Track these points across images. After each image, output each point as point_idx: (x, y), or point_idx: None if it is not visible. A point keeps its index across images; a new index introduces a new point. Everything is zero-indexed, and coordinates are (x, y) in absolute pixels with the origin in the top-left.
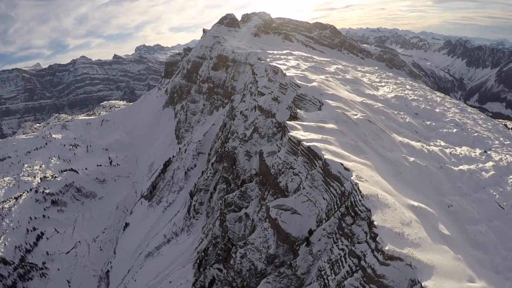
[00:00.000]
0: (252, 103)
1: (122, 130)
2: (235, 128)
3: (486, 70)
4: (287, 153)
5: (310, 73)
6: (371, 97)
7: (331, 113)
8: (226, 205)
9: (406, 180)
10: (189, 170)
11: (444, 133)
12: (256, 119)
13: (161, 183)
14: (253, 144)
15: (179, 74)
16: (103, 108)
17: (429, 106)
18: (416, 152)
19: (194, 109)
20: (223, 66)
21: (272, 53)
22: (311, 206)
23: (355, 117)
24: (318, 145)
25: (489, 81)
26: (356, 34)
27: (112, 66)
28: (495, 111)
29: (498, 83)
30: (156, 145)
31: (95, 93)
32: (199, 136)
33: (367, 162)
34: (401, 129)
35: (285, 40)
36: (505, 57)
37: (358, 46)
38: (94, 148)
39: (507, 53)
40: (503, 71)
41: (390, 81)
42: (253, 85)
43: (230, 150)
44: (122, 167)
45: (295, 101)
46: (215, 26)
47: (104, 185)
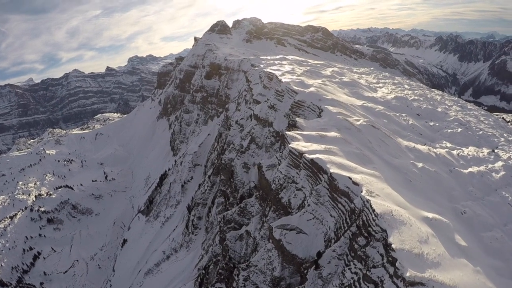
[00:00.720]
0: (247, 111)
1: (116, 143)
2: (231, 138)
3: (478, 64)
4: (288, 166)
5: (306, 78)
6: (371, 99)
7: (332, 120)
8: (226, 222)
9: (417, 189)
10: (185, 183)
11: (449, 134)
12: (253, 128)
13: (157, 197)
14: (250, 155)
15: (172, 84)
16: (97, 121)
17: (431, 106)
18: (424, 156)
19: (189, 120)
20: (216, 74)
21: (266, 59)
22: (317, 224)
23: (357, 123)
24: (322, 157)
25: (482, 74)
26: (347, 35)
27: (105, 78)
28: (490, 104)
29: (491, 76)
30: (151, 158)
31: (89, 106)
32: (195, 148)
33: (375, 173)
34: (405, 132)
35: (278, 44)
36: (496, 50)
37: (351, 47)
38: (89, 163)
39: (498, 46)
40: (496, 64)
41: (388, 81)
42: (248, 93)
43: (226, 162)
44: (118, 182)
45: (292, 109)
46: (206, 34)
47: (100, 201)
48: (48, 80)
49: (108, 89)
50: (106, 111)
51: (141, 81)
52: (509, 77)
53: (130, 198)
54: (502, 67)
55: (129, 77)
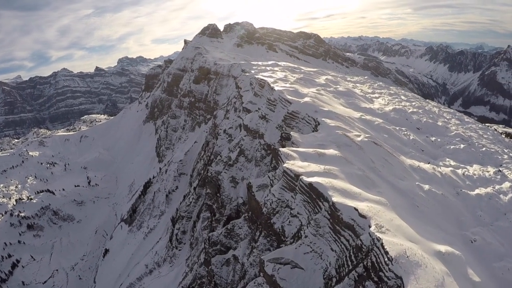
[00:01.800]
0: (236, 120)
1: (101, 146)
2: (218, 149)
3: (468, 74)
4: (282, 189)
5: (300, 86)
6: (369, 111)
7: (330, 135)
8: (211, 244)
9: (425, 215)
10: (170, 193)
11: (451, 150)
12: (242, 140)
13: (141, 206)
14: (239, 169)
15: (160, 88)
16: (84, 123)
17: (431, 119)
18: (429, 177)
19: (175, 125)
20: (205, 79)
21: (257, 64)
22: (316, 258)
23: (358, 139)
24: (322, 181)
25: (472, 85)
26: (338, 43)
27: (94, 78)
28: (480, 114)
29: (481, 87)
30: (136, 163)
31: (76, 107)
32: (180, 155)
33: (381, 199)
34: (407, 148)
35: (269, 50)
36: (486, 61)
37: (343, 55)
38: (72, 166)
39: (488, 57)
40: (485, 75)
41: (383, 91)
42: (237, 100)
43: (213, 175)
44: (101, 187)
45: (286, 120)
46: (196, 37)
47: (83, 207)
48: (36, 78)
49: (96, 90)
50: (94, 112)
51: (130, 83)
52: (498, 88)
53: (113, 205)
54: (492, 78)
55: (118, 78)
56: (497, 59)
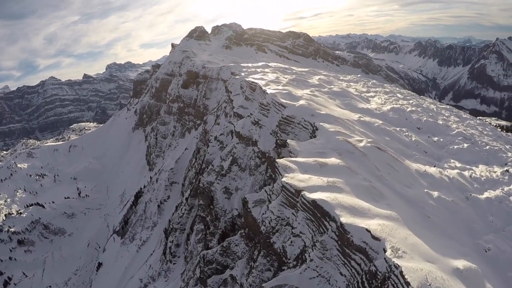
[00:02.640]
0: (227, 126)
1: (91, 156)
2: (209, 157)
3: (458, 68)
4: (282, 205)
5: (293, 88)
6: (366, 112)
7: (330, 141)
8: (206, 263)
9: (437, 226)
10: (162, 203)
11: (455, 151)
12: (234, 147)
13: (133, 218)
14: (232, 178)
15: (148, 94)
16: (73, 131)
17: (431, 118)
18: (437, 182)
19: (165, 132)
20: (194, 83)
21: (247, 66)
22: (323, 283)
23: (360, 145)
24: (326, 197)
25: (462, 78)
26: (326, 41)
27: (82, 86)
28: (471, 108)
29: (471, 80)
30: (127, 172)
31: (65, 115)
32: (171, 163)
33: (392, 214)
34: (409, 150)
35: (258, 51)
36: (475, 54)
37: (333, 53)
38: (62, 178)
39: (477, 50)
40: (475, 68)
41: (378, 89)
42: (228, 105)
43: (205, 186)
44: (92, 198)
45: (280, 125)
46: (184, 40)
47: (73, 220)
48: (24, 87)
49: (85, 97)
50: (83, 120)
51: (119, 89)
52: (488, 80)
53: (105, 216)
54: (482, 71)
55: (107, 85)
56: (486, 52)
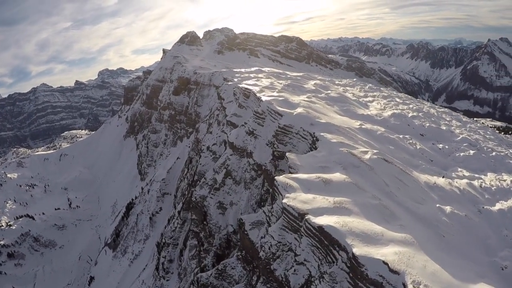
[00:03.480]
0: (220, 135)
1: (82, 165)
2: (202, 168)
3: (450, 70)
4: (283, 229)
5: (289, 94)
6: (367, 118)
7: (333, 153)
8: (200, 286)
9: (452, 246)
10: (154, 215)
11: (462, 158)
12: (228, 159)
13: (124, 230)
14: (226, 192)
15: (139, 100)
16: (64, 139)
17: (434, 124)
18: (448, 195)
19: (156, 141)
20: (185, 90)
21: (240, 72)
22: None
23: (366, 157)
24: (335, 223)
25: (455, 80)
26: (318, 45)
27: (74, 92)
28: (464, 109)
29: (463, 82)
30: (118, 181)
31: (57, 122)
32: (163, 173)
33: (407, 237)
34: (415, 160)
35: (251, 56)
36: (467, 56)
37: (326, 57)
38: (52, 188)
39: (469, 52)
40: (467, 69)
41: (376, 94)
42: (220, 113)
43: (198, 200)
44: (83, 209)
45: (277, 136)
46: (175, 46)
47: (64, 232)
48: (15, 95)
49: (77, 104)
50: (76, 127)
51: (111, 95)
52: (481, 81)
53: (96, 228)
54: (474, 72)
55: (99, 91)
56: (478, 53)
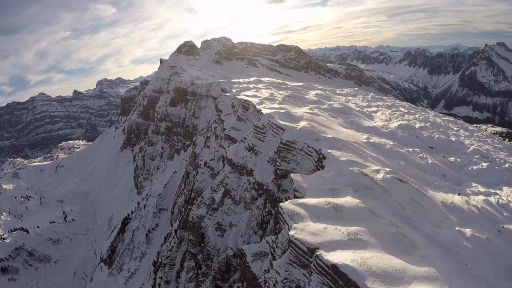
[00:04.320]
0: (218, 150)
1: (78, 176)
2: (199, 185)
3: (448, 76)
4: (290, 264)
5: (290, 106)
6: (373, 131)
7: (342, 173)
8: None
9: (476, 275)
10: (150, 232)
11: (475, 172)
12: (227, 177)
13: (120, 246)
14: (225, 212)
15: (136, 111)
16: (62, 150)
17: (443, 135)
18: (466, 216)
19: (152, 153)
20: (182, 101)
21: (238, 82)
22: None
23: (378, 176)
24: (351, 260)
25: (453, 86)
26: (316, 54)
27: (73, 102)
28: (463, 115)
29: (462, 87)
30: (115, 195)
31: (55, 132)
32: (159, 188)
33: (430, 271)
34: (428, 176)
35: (249, 65)
36: (465, 62)
37: (325, 66)
38: (48, 200)
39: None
40: (466, 75)
41: (379, 103)
42: (218, 125)
43: (195, 220)
44: (79, 223)
45: (280, 152)
46: (173, 55)
47: (59, 246)
48: (13, 104)
49: (75, 114)
50: (74, 137)
51: (109, 105)
52: (479, 87)
53: (92, 242)
54: (473, 78)
55: (97, 101)
56: (476, 59)
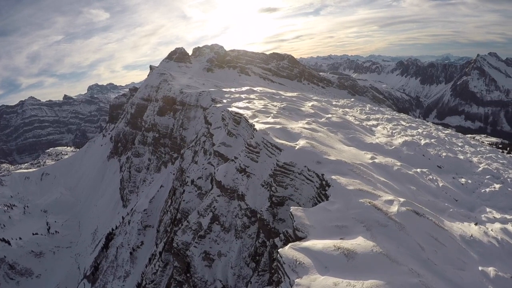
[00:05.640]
0: (207, 168)
1: (63, 186)
2: (185, 206)
3: (440, 85)
4: None
5: (286, 120)
6: (377, 148)
7: (350, 205)
8: None
9: None
10: (135, 250)
11: (488, 195)
12: (215, 201)
13: (104, 263)
14: (214, 240)
15: (124, 119)
16: (49, 156)
17: (450, 153)
18: (487, 251)
19: (139, 165)
20: (170, 110)
21: (229, 92)
22: None
23: (393, 210)
24: None
25: (445, 96)
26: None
27: (63, 107)
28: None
29: (454, 97)
30: (100, 206)
31: (44, 137)
32: (145, 203)
33: None
34: (440, 201)
35: (241, 74)
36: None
37: (318, 75)
38: (32, 209)
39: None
40: (458, 85)
41: (378, 116)
42: (207, 140)
43: (180, 247)
44: (62, 235)
45: (276, 176)
46: (163, 62)
47: (42, 259)
48: (2, 107)
49: (65, 119)
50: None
51: (100, 111)
52: (471, 97)
53: (76, 256)
54: (465, 88)
55: (87, 107)
56: (468, 69)
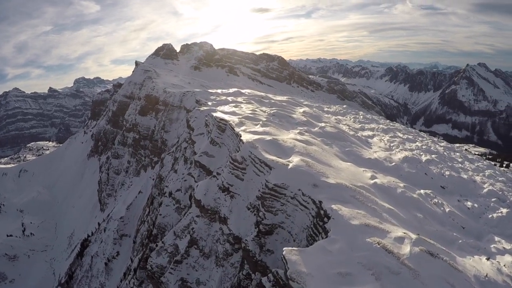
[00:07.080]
0: (187, 180)
1: (41, 184)
2: (162, 220)
3: (429, 93)
4: None
5: (276, 130)
6: (376, 165)
7: (355, 246)
8: None
9: None
10: (110, 261)
11: (495, 221)
12: (194, 222)
13: (78, 272)
14: (191, 266)
15: (105, 117)
16: (30, 151)
17: (454, 172)
18: None
19: (118, 167)
20: (153, 110)
21: (216, 93)
22: None
23: (405, 251)
24: None
25: (433, 104)
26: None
27: (47, 100)
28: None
29: (442, 105)
30: (78, 208)
31: (27, 130)
32: (122, 210)
33: None
34: (447, 230)
35: (230, 74)
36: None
37: (307, 78)
38: (7, 208)
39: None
40: (446, 93)
41: (373, 126)
42: (189, 146)
43: (155, 270)
44: (38, 238)
45: (264, 200)
46: (149, 58)
47: (16, 263)
48: None
49: (49, 112)
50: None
51: (85, 105)
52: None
53: (51, 261)
54: (453, 96)
55: (72, 100)
56: (457, 78)
